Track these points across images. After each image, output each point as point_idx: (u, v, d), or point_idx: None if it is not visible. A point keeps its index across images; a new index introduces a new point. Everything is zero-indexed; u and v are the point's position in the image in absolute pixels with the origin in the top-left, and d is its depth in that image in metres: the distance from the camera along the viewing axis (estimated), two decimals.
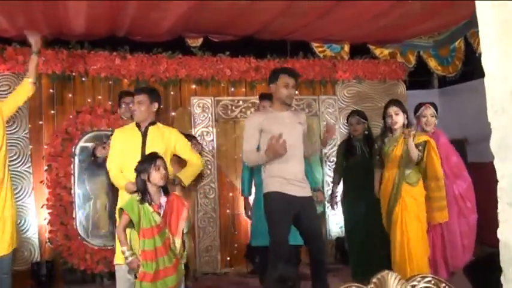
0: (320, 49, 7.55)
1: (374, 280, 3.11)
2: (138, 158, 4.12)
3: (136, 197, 3.72)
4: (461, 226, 5.36)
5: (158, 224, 3.66)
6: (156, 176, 3.70)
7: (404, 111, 5.01)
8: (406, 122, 4.99)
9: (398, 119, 4.94)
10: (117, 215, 3.84)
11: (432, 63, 8.14)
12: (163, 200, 3.77)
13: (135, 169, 3.79)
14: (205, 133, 6.35)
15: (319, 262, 4.38)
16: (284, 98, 4.40)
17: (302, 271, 5.04)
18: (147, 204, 3.68)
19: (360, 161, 5.54)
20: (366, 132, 5.74)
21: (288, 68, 4.64)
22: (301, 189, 4.38)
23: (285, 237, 4.28)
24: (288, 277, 2.81)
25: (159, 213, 3.69)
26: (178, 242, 3.72)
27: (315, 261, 4.40)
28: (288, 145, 4.23)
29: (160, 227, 3.66)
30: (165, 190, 3.80)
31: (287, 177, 4.31)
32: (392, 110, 4.95)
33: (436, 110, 5.43)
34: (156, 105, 4.44)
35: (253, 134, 4.42)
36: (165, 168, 3.79)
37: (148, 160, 3.77)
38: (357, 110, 6.24)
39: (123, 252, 3.65)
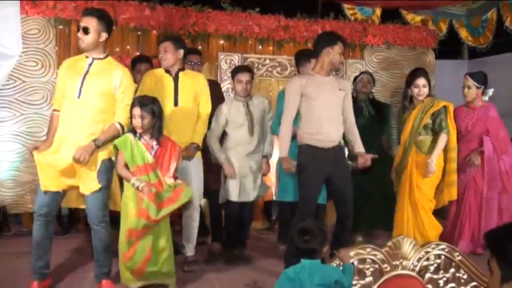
0: (351, 11, 7.47)
1: (389, 244, 3.17)
2: (172, 102, 4.46)
3: (130, 133, 3.91)
4: (502, 202, 5.37)
5: (151, 163, 3.86)
6: (133, 122, 3.89)
7: (430, 83, 5.02)
8: (428, 93, 5.00)
9: (425, 90, 4.96)
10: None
11: (463, 33, 8.02)
12: (155, 143, 3.95)
13: None
14: (230, 89, 6.35)
15: (344, 226, 4.53)
16: (337, 64, 4.52)
17: None
18: (140, 142, 3.86)
19: (366, 122, 5.54)
20: (370, 97, 5.79)
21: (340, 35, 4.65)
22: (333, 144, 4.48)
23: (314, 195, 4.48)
24: (306, 230, 2.87)
25: (151, 153, 3.89)
26: (168, 181, 3.90)
27: (339, 224, 4.56)
28: (326, 111, 4.41)
29: (152, 166, 3.86)
30: (157, 135, 3.95)
31: (321, 139, 4.42)
32: (421, 82, 4.96)
33: (485, 81, 5.34)
34: (181, 52, 4.64)
35: (294, 99, 4.47)
36: (142, 117, 3.85)
37: (133, 104, 3.93)
38: (368, 71, 6.22)
39: (133, 185, 3.82)
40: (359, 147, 4.62)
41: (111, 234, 4.11)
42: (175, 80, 4.57)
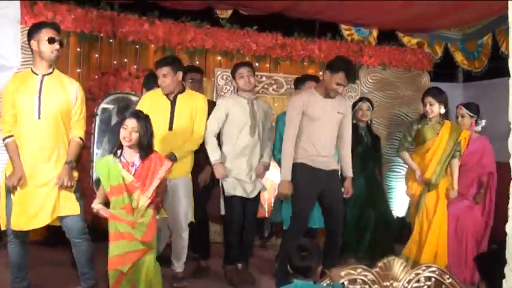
0: (348, 32, 7.52)
1: (380, 264, 3.18)
2: (166, 126, 4.39)
3: (112, 154, 3.68)
4: None
5: (129, 183, 3.58)
6: (122, 134, 3.59)
7: (442, 102, 5.02)
8: (442, 112, 5.03)
9: (433, 109, 5.03)
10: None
11: (459, 57, 8.09)
12: (137, 158, 3.65)
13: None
14: None
15: (334, 243, 4.55)
16: (331, 92, 4.45)
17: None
18: (118, 161, 3.62)
19: (366, 149, 5.61)
20: (369, 123, 5.85)
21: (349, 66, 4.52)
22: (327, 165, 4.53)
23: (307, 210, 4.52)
24: (304, 247, 2.89)
25: (130, 171, 3.61)
26: (142, 200, 3.59)
27: (329, 240, 4.57)
28: (323, 133, 4.47)
29: (130, 187, 3.58)
30: (142, 152, 3.65)
31: (314, 165, 4.47)
32: (428, 100, 5.05)
33: (477, 111, 5.40)
34: (180, 74, 4.62)
35: (296, 116, 4.50)
36: (137, 131, 3.60)
37: (127, 116, 3.67)
38: (366, 97, 6.25)
39: (92, 208, 3.63)
40: (348, 170, 4.67)
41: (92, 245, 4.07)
42: (173, 103, 4.58)
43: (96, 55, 6.28)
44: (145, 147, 3.66)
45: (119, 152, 3.66)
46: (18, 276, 3.90)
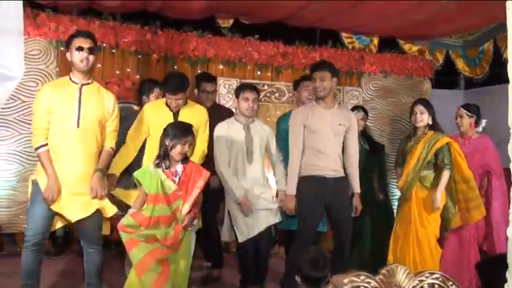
0: (349, 40, 7.56)
1: (383, 271, 3.16)
2: None
3: (152, 164, 3.74)
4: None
5: (172, 192, 3.66)
6: (178, 150, 3.69)
7: (431, 113, 5.00)
8: (430, 123, 5.00)
9: (423, 117, 4.98)
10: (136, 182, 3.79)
11: (460, 64, 8.11)
12: (179, 167, 3.75)
13: (165, 129, 3.79)
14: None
15: (341, 254, 4.52)
16: (315, 92, 4.56)
17: None
18: (160, 170, 3.68)
19: (362, 157, 5.60)
20: (365, 129, 5.85)
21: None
22: (332, 176, 4.51)
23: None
24: (319, 257, 2.90)
25: (173, 181, 3.69)
26: (185, 208, 3.67)
27: (337, 252, 4.54)
28: (324, 144, 4.46)
29: (174, 195, 3.67)
30: (183, 159, 3.78)
31: (319, 172, 4.48)
32: (418, 108, 5.00)
33: (477, 111, 5.36)
34: (187, 91, 4.57)
35: (299, 131, 4.55)
36: (190, 145, 3.79)
37: (183, 131, 3.74)
38: (361, 106, 6.25)
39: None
40: (355, 186, 4.65)
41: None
42: (176, 115, 4.49)
43: (99, 65, 6.29)
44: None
45: (166, 163, 3.72)
46: (27, 284, 3.86)
